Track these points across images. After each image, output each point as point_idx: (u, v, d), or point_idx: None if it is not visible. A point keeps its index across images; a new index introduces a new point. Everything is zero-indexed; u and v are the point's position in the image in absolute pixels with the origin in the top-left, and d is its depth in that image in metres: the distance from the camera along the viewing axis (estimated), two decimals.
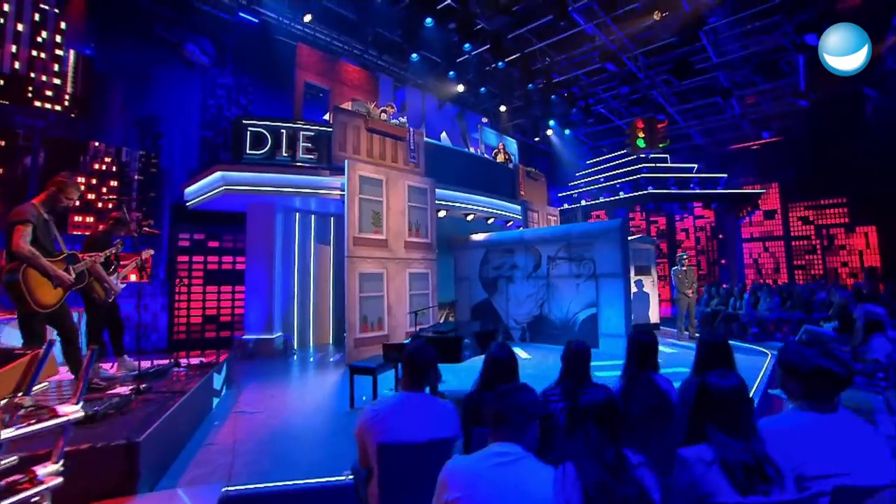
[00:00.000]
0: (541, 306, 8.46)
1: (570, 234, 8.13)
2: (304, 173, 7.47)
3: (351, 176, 7.20)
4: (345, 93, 9.38)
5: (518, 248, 8.93)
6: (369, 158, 7.86)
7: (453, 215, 9.78)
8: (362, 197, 7.35)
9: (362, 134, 7.84)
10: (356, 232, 7.17)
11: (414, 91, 11.24)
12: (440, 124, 11.62)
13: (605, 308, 7.55)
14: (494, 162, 11.46)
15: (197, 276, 8.37)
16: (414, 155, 8.59)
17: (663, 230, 18.69)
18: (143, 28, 7.98)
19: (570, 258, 8.03)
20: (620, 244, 7.43)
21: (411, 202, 8.16)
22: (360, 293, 7.12)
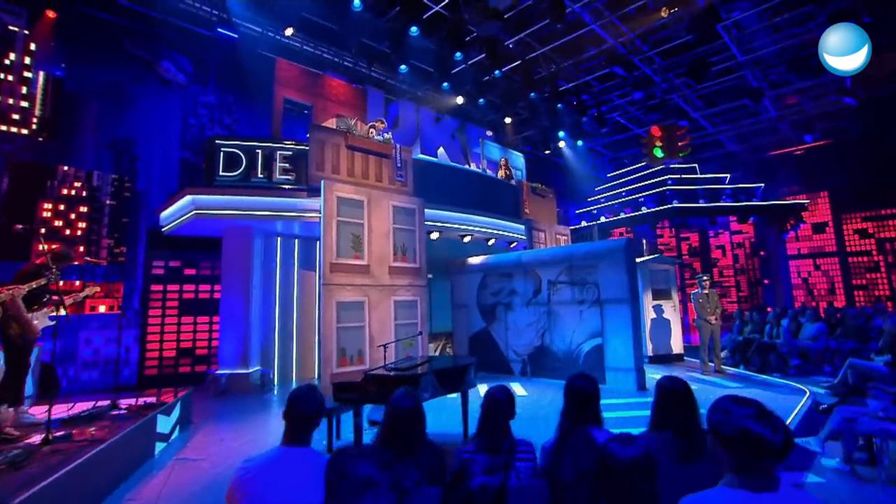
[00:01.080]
0: (542, 336, 8.24)
1: (571, 255, 7.95)
2: (281, 195, 7.53)
3: (328, 197, 7.22)
4: (329, 109, 9.52)
5: (516, 272, 8.77)
6: (350, 178, 7.88)
7: (448, 237, 9.74)
8: (340, 219, 7.35)
9: (342, 152, 7.89)
10: (333, 257, 7.14)
11: (408, 104, 11.38)
12: (437, 139, 11.71)
13: (611, 338, 7.29)
14: (494, 179, 11.42)
15: (172, 306, 8.45)
16: (401, 173, 8.59)
17: (696, 247, 18.30)
18: (116, 47, 8.30)
19: (573, 282, 7.84)
20: (626, 266, 7.21)
21: (397, 224, 8.12)
22: (338, 323, 7.05)
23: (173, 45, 8.65)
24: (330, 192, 7.26)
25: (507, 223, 10.73)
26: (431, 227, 9.19)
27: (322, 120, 9.37)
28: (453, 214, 9.46)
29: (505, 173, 11.96)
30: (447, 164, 10.50)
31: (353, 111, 10.01)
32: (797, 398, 5.96)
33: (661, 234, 18.65)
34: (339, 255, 7.21)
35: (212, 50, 9.36)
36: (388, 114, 11.20)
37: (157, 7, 8.37)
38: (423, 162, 9.57)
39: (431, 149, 11.36)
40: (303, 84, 9.52)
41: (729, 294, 16.79)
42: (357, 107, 10.23)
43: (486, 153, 12.55)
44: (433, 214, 9.06)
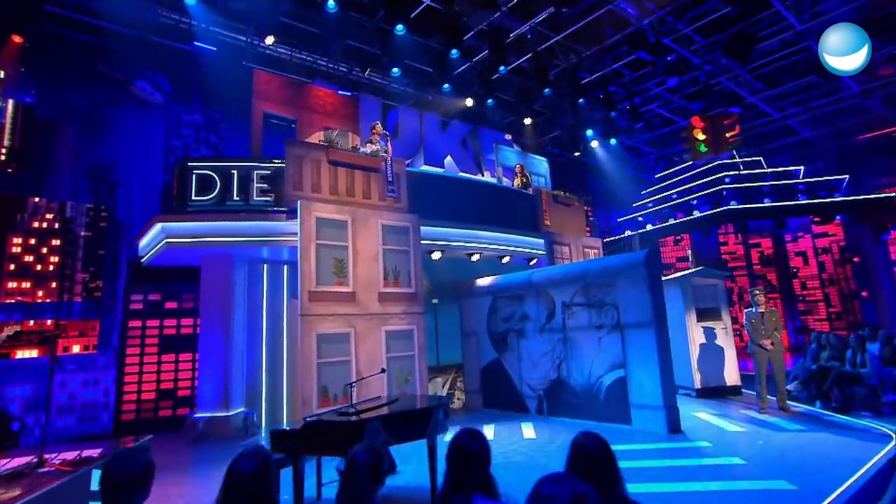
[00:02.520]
0: (558, 368, 7.96)
1: (586, 273, 7.69)
2: (259, 219, 7.67)
3: (304, 219, 7.28)
4: (315, 121, 9.73)
5: (528, 294, 8.58)
6: (333, 196, 7.94)
7: (454, 256, 9.70)
8: (320, 243, 7.40)
9: (323, 168, 7.98)
10: (312, 285, 7.17)
11: (408, 111, 11.47)
12: (444, 147, 11.75)
13: (634, 370, 6.93)
14: (506, 188, 11.35)
15: (151, 344, 8.69)
16: (392, 188, 8.59)
17: (769, 255, 17.37)
18: (89, 68, 8.78)
19: (589, 304, 7.57)
20: (648, 283, 6.87)
21: (387, 244, 8.11)
22: (319, 358, 7.03)
23: (148, 62, 9.07)
24: (307, 212, 7.32)
25: (523, 237, 10.58)
26: (432, 247, 9.16)
27: (308, 134, 9.57)
28: (457, 231, 9.39)
29: (521, 181, 11.83)
30: (449, 176, 10.49)
31: (344, 122, 10.20)
32: (877, 446, 5.23)
33: (724, 242, 17.96)
34: (319, 283, 7.23)
35: (192, 65, 9.75)
36: (386, 122, 11.33)
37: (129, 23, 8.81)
38: (420, 174, 9.61)
39: (437, 158, 11.40)
40: (284, 96, 9.76)
41: (816, 310, 15.79)
42: (348, 117, 10.40)
43: (502, 159, 12.44)
44: (433, 232, 9.02)
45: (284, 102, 9.70)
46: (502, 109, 13.76)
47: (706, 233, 15.93)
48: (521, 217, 10.89)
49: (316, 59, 11.33)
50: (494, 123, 14.00)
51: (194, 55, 9.59)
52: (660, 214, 17.98)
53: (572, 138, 15.64)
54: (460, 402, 9.72)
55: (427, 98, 12.94)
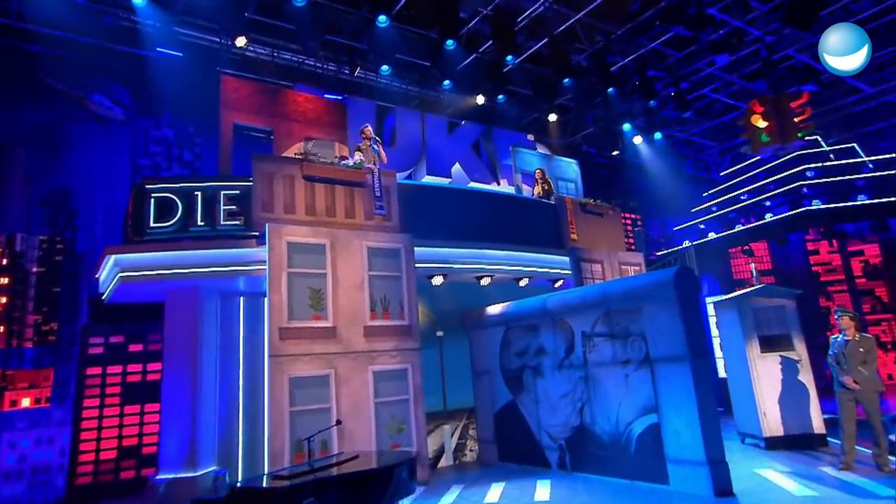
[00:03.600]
0: (580, 412, 7.85)
1: (607, 296, 7.60)
2: (227, 246, 7.89)
3: (274, 244, 7.47)
4: (295, 131, 10.01)
5: (543, 324, 8.54)
6: (309, 217, 8.12)
7: (460, 281, 9.80)
8: (293, 271, 7.57)
9: (298, 185, 8.18)
10: (284, 320, 7.32)
11: (408, 114, 11.72)
12: (451, 153, 11.94)
13: (669, 415, 6.75)
14: (523, 199, 11.47)
15: (113, 394, 8.96)
16: (381, 204, 8.74)
17: (876, 265, 16.63)
18: (38, 83, 9.25)
19: (613, 334, 7.47)
20: (680, 307, 6.72)
21: (374, 270, 8.23)
22: (293, 406, 7.13)
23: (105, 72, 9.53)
24: (277, 237, 7.51)
25: (543, 256, 10.59)
26: (431, 270, 9.27)
27: (287, 146, 9.86)
28: (462, 251, 9.47)
29: (542, 188, 11.86)
30: (451, 188, 10.66)
31: (330, 131, 10.49)
32: None
33: (813, 250, 17.37)
34: (291, 317, 7.39)
35: (156, 74, 10.20)
36: (382, 128, 11.59)
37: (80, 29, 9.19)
38: (416, 187, 9.83)
39: (443, 166, 11.57)
40: (258, 104, 10.10)
41: None
42: (334, 124, 10.68)
43: (521, 164, 12.55)
44: (432, 253, 9.14)
45: (258, 112, 10.01)
46: (520, 106, 13.91)
47: (781, 240, 15.44)
48: (540, 231, 10.92)
49: (303, 61, 11.73)
50: (512, 123, 14.14)
51: (158, 62, 10.03)
52: (726, 220, 17.53)
53: (608, 135, 15.59)
54: (473, 455, 9.69)
55: (431, 97, 13.15)
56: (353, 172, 8.62)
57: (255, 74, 10.94)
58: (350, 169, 8.62)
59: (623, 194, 19.13)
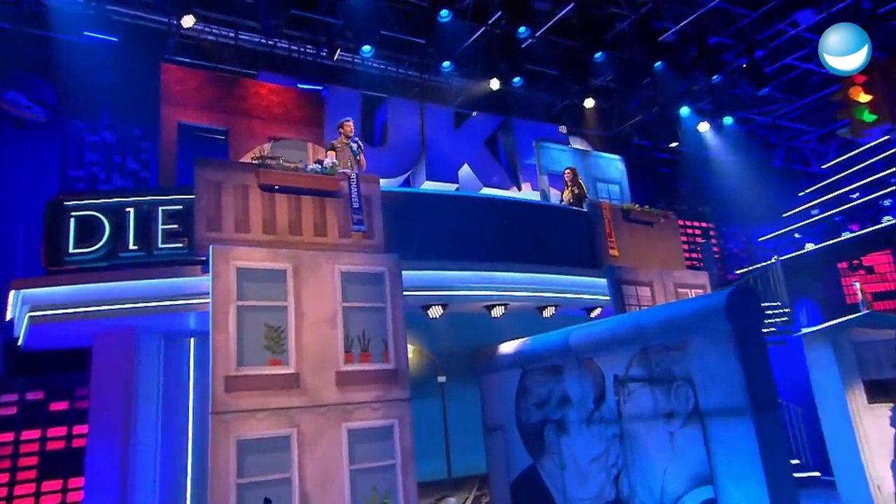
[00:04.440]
0: (616, 481, 7.57)
1: (642, 328, 7.36)
2: (165, 275, 7.86)
3: (220, 271, 7.37)
4: (256, 130, 10.07)
5: (567, 365, 8.39)
6: (268, 236, 8.07)
7: (464, 311, 9.76)
8: (245, 304, 7.43)
9: (253, 197, 8.13)
10: (231, 367, 7.16)
11: (404, 105, 11.84)
12: (459, 152, 12.03)
13: (729, 488, 6.37)
14: (547, 207, 11.55)
15: (27, 466, 8.88)
16: (359, 218, 8.67)
17: None
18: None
19: (652, 379, 7.20)
20: (736, 344, 6.37)
21: (351, 300, 8.08)
22: (241, 477, 6.93)
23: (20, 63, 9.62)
24: (223, 262, 7.41)
25: (573, 278, 10.49)
26: (428, 299, 9.23)
27: (248, 149, 9.86)
28: (466, 274, 9.46)
29: (573, 192, 11.81)
30: (453, 194, 10.75)
31: (301, 129, 10.57)
32: None
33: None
34: (242, 363, 7.22)
35: (90, 65, 10.31)
36: (373, 123, 11.63)
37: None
38: (409, 195, 9.94)
39: (447, 169, 11.61)
40: (208, 98, 10.20)
41: None
42: (307, 121, 10.81)
43: (546, 163, 12.53)
44: (428, 278, 9.14)
45: (209, 107, 10.11)
46: (549, 91, 13.96)
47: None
48: (570, 247, 10.86)
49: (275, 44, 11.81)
50: (540, 112, 14.23)
51: (90, 50, 10.15)
52: (830, 226, 16.97)
53: (664, 122, 15.35)
54: None
55: (434, 84, 13.30)
56: (324, 179, 8.54)
57: (211, 62, 11.07)
58: (319, 175, 8.55)
59: (690, 197, 18.87)
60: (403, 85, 12.98)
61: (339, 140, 9.38)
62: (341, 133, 9.42)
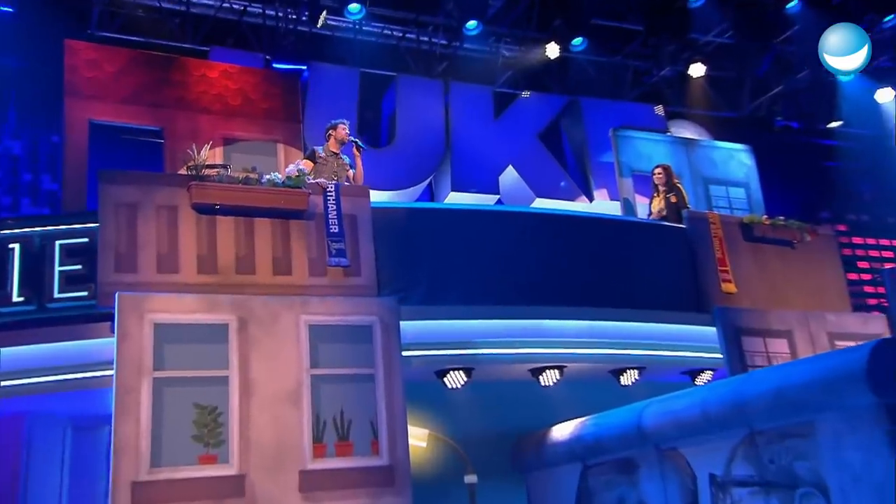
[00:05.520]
0: None
1: (746, 403, 7.06)
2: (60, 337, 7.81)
3: (129, 330, 7.22)
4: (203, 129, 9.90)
5: (642, 458, 8.34)
6: (203, 276, 7.95)
7: (502, 377, 9.71)
8: (165, 376, 7.27)
9: (184, 222, 8.03)
10: (143, 470, 6.96)
11: (421, 87, 11.95)
12: (500, 149, 12.04)
13: None
14: (625, 223, 11.48)
15: None
16: (341, 247, 8.53)
17: None
18: None
19: (765, 482, 6.86)
20: (887, 425, 5.85)
21: (323, 366, 7.95)
22: None
23: None
24: (135, 316, 7.27)
25: (665, 326, 10.34)
26: (443, 361, 9.10)
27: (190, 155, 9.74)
28: (501, 324, 9.31)
29: (666, 200, 11.66)
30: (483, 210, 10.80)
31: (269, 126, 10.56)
32: None
33: None
34: (158, 463, 7.01)
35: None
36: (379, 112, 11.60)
37: None
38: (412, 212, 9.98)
39: (484, 172, 11.69)
40: (134, 86, 10.21)
41: None
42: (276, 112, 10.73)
43: (630, 159, 12.45)
44: (443, 329, 9.02)
45: (134, 99, 10.09)
46: (634, 56, 14.00)
47: None
48: (659, 280, 10.74)
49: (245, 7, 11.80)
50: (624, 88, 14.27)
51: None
52: None
53: (818, 92, 15.16)
54: None
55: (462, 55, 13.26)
56: (286, 194, 8.39)
57: (150, 37, 11.17)
58: (279, 189, 8.34)
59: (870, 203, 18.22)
60: (420, 58, 12.93)
61: (327, 148, 9.40)
62: (332, 138, 9.45)
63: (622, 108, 13.07)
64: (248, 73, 10.93)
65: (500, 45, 13.07)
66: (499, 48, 13.15)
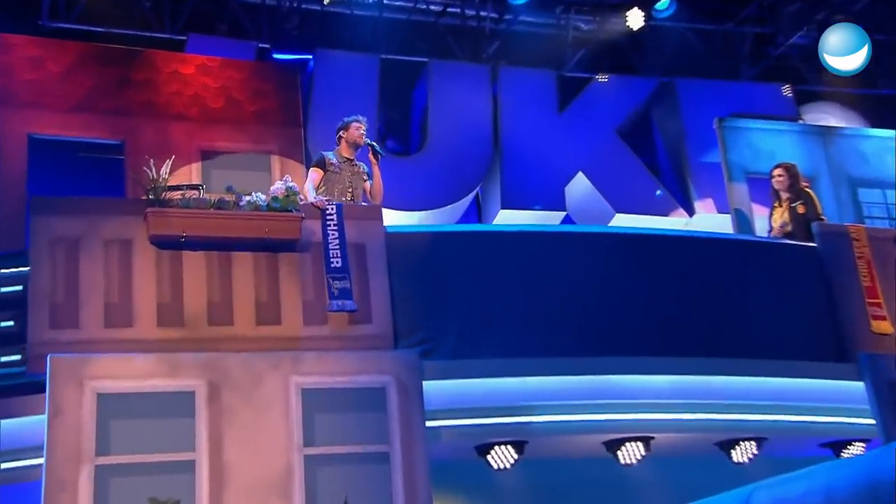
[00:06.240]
0: None
1: (881, 485, 6.43)
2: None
3: (62, 403, 7.21)
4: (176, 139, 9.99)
5: None
6: (164, 330, 7.92)
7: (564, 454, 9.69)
8: (109, 463, 7.24)
9: (140, 260, 8.02)
10: None
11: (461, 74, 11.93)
12: (567, 149, 12.01)
13: None
14: (738, 244, 11.52)
15: None
16: (344, 286, 8.41)
17: None
18: None
19: None
20: None
21: (321, 444, 7.91)
22: None
23: None
24: (72, 384, 7.27)
25: (791, 380, 10.02)
26: (485, 432, 9.01)
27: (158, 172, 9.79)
28: (563, 381, 9.17)
29: (792, 211, 11.46)
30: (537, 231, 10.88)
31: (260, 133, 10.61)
32: None
33: None
34: None
35: None
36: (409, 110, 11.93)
37: None
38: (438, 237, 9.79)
39: (545, 183, 11.52)
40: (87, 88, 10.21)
41: None
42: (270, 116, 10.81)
43: (740, 157, 12.29)
44: (485, 390, 8.85)
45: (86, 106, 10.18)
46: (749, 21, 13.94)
47: None
48: (782, 319, 10.40)
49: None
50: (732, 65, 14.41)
51: None
52: None
53: None
54: None
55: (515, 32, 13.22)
56: (272, 221, 8.29)
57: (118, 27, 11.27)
58: (263, 213, 8.28)
59: None
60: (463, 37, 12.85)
61: (338, 153, 9.42)
62: (343, 141, 9.46)
63: (734, 91, 13.07)
64: (234, 66, 10.95)
65: (568, 17, 12.97)
66: (567, 20, 13.05)
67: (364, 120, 9.72)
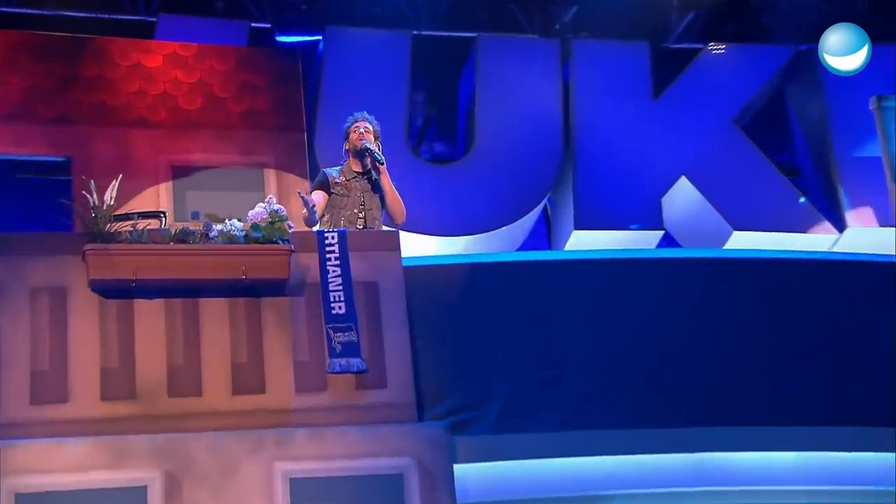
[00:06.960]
0: None
1: None
2: None
3: None
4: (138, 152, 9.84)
5: None
6: (109, 405, 7.81)
7: None
8: None
9: (77, 314, 7.94)
10: None
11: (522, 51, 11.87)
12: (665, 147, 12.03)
13: None
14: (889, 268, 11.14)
15: None
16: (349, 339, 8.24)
17: None
18: None
19: None
20: None
21: None
22: None
23: None
24: None
25: None
26: None
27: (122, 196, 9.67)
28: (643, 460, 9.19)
29: None
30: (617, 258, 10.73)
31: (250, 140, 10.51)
32: None
33: None
34: None
35: None
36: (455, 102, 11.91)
37: None
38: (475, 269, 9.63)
39: (635, 191, 11.43)
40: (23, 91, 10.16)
41: None
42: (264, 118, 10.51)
43: None
44: (539, 474, 8.89)
45: (20, 113, 10.10)
46: None
47: None
48: None
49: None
50: None
51: None
52: None
53: None
54: None
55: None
56: (252, 256, 8.12)
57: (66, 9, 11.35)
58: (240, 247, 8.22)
59: None
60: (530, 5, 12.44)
61: (348, 167, 9.50)
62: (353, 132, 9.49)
63: None
64: (215, 54, 10.88)
65: None
66: None
67: (371, 119, 9.65)
